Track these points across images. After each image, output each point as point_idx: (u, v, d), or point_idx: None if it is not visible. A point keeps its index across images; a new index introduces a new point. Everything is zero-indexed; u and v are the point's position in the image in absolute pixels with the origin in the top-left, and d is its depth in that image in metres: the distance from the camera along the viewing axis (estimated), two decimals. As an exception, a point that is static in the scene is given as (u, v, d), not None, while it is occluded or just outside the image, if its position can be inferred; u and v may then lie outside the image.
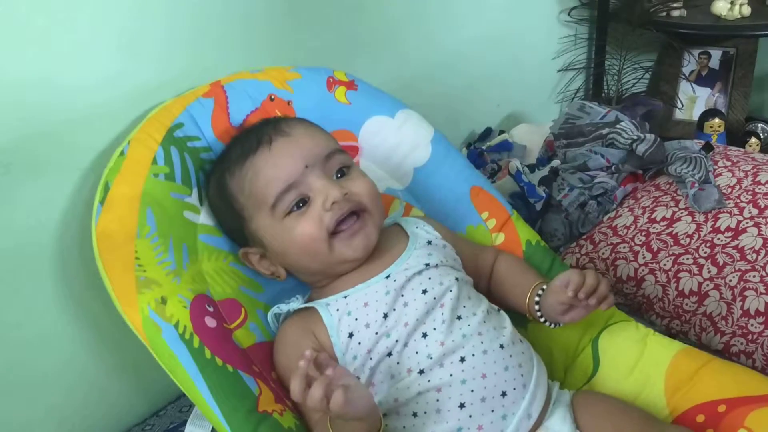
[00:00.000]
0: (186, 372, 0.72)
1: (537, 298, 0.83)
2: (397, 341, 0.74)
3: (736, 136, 1.64)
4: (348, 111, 0.95)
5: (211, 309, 0.78)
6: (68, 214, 0.84)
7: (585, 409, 0.78)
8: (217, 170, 0.83)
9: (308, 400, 0.61)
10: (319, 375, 0.63)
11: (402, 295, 0.77)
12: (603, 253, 1.14)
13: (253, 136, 0.81)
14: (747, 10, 1.60)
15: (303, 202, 0.78)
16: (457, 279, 0.81)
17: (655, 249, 1.10)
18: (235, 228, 0.83)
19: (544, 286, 0.83)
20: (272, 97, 0.92)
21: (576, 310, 0.79)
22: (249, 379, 0.75)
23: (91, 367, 0.91)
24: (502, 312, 0.83)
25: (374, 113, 0.96)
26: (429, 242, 0.85)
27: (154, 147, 0.82)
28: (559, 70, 1.71)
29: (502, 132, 1.49)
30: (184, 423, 0.84)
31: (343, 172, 0.81)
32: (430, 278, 0.79)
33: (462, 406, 0.72)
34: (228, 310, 0.80)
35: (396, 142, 0.97)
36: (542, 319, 0.83)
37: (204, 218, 0.84)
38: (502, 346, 0.76)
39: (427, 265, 0.80)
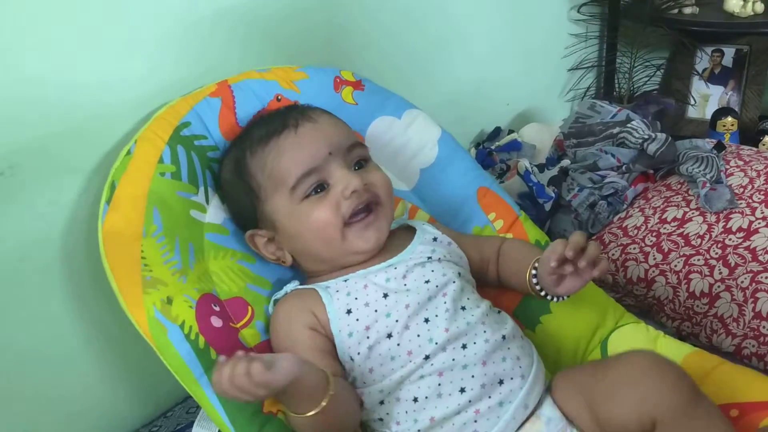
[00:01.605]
0: (191, 372, 0.72)
1: (534, 271, 0.82)
2: (397, 321, 0.75)
3: (750, 135, 1.63)
4: (355, 111, 0.94)
5: (217, 308, 0.78)
6: (75, 214, 0.84)
7: (556, 388, 0.78)
8: (236, 148, 0.84)
9: (218, 383, 0.60)
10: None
11: (405, 284, 0.78)
12: (613, 254, 1.13)
13: (278, 119, 0.81)
14: (760, 7, 1.58)
15: (321, 188, 0.79)
16: (459, 274, 0.81)
17: (666, 250, 1.09)
18: (246, 209, 0.82)
19: (535, 266, 0.82)
20: (279, 97, 0.91)
21: (568, 279, 0.77)
22: (255, 379, 0.74)
23: (98, 368, 0.91)
24: (503, 312, 0.83)
25: (381, 113, 0.96)
26: (435, 239, 0.86)
27: (161, 146, 0.82)
28: (569, 69, 1.70)
29: (511, 131, 1.48)
30: (192, 424, 0.85)
31: (361, 165, 0.83)
32: (432, 270, 0.80)
33: (462, 390, 0.73)
34: (234, 309, 0.80)
35: (403, 142, 0.96)
36: (542, 293, 0.82)
37: (211, 217, 0.84)
38: (504, 337, 0.77)
39: (430, 258, 0.81)
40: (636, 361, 0.72)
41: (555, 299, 0.82)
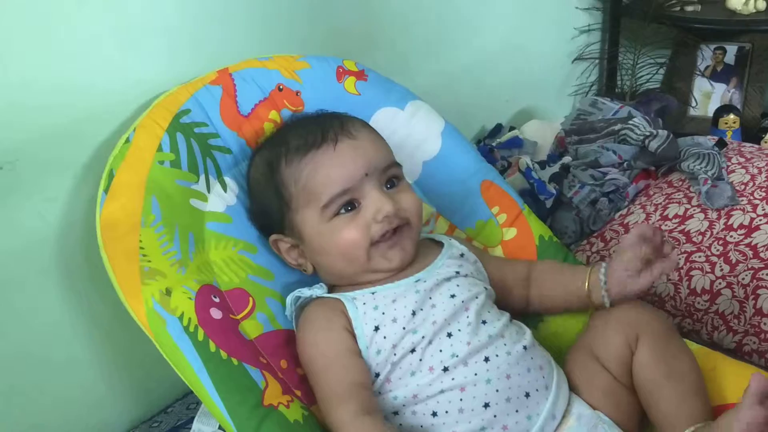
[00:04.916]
0: (190, 366, 0.70)
1: (603, 278, 0.80)
2: (423, 337, 0.74)
3: (752, 132, 1.63)
4: (357, 102, 0.93)
5: (217, 300, 0.77)
6: (73, 209, 0.83)
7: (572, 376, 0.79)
8: (270, 150, 0.82)
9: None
10: None
11: (430, 298, 0.77)
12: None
13: (317, 130, 0.80)
14: (763, 5, 1.58)
15: (351, 206, 0.78)
16: (485, 289, 0.81)
17: (668, 246, 1.09)
18: (273, 212, 0.81)
19: (603, 266, 0.81)
20: (281, 87, 0.91)
21: (647, 272, 0.78)
22: (255, 371, 0.74)
23: (98, 363, 0.90)
24: (520, 322, 0.82)
25: (384, 104, 0.95)
26: (462, 254, 0.85)
27: (160, 134, 0.80)
28: (573, 60, 1.69)
29: (512, 128, 1.48)
30: (192, 420, 0.84)
31: (393, 183, 0.81)
32: (458, 285, 0.79)
33: (487, 405, 0.71)
34: (235, 300, 0.79)
35: (406, 134, 0.95)
36: (605, 298, 0.80)
37: (212, 205, 0.83)
38: (525, 348, 0.76)
39: (457, 273, 0.80)
40: (622, 302, 0.81)
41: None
